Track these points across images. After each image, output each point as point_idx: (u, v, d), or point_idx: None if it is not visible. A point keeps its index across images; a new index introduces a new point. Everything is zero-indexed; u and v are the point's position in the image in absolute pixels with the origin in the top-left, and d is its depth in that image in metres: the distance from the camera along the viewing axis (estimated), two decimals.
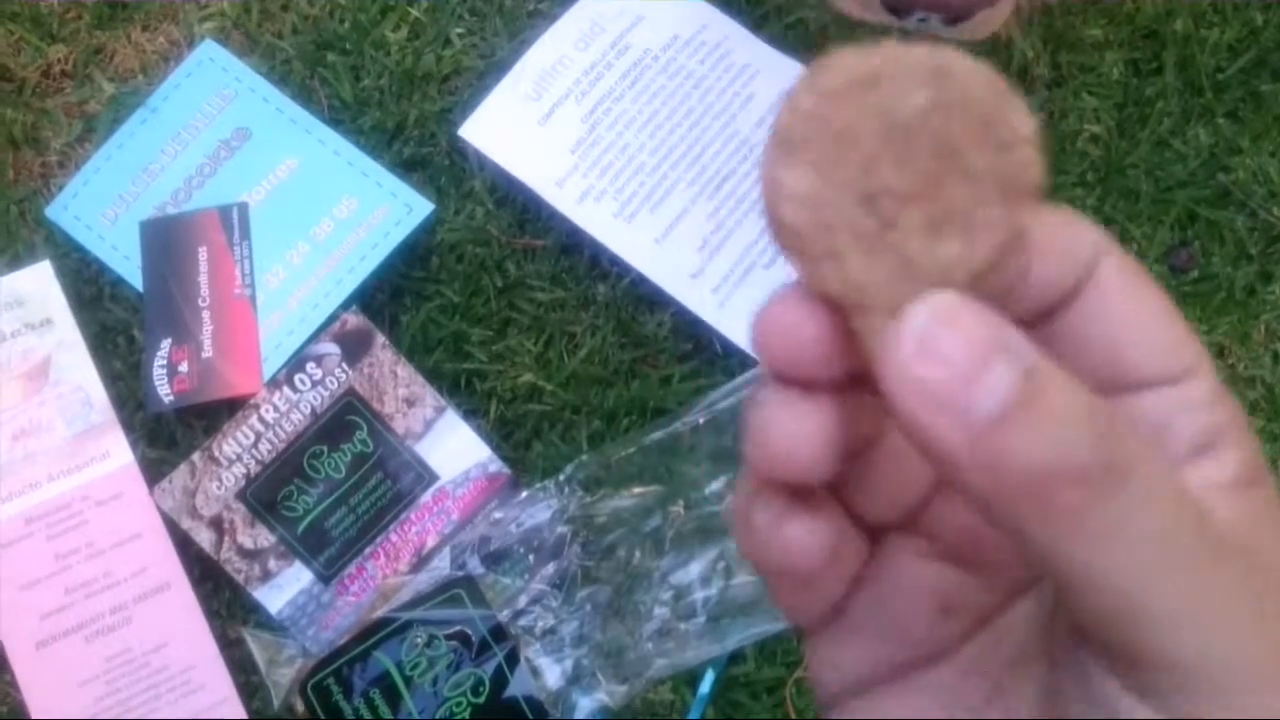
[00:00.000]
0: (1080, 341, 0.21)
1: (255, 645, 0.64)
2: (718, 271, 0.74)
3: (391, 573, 0.66)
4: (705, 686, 0.66)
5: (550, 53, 0.81)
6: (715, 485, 0.68)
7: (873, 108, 0.20)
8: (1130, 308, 0.21)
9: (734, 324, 0.73)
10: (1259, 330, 0.80)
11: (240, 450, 0.66)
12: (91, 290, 0.72)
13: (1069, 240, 0.21)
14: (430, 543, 0.67)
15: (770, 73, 0.79)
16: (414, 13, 0.84)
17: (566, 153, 0.77)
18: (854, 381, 0.21)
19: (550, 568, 0.65)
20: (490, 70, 0.82)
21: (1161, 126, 0.82)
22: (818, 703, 0.25)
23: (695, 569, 0.65)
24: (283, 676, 0.63)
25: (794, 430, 0.21)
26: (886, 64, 0.20)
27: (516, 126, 0.78)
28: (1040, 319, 0.22)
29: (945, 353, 0.18)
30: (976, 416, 0.18)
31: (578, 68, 0.81)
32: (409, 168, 0.78)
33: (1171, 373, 0.21)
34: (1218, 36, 0.82)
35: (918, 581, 0.24)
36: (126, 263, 0.71)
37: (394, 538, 0.67)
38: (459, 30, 0.84)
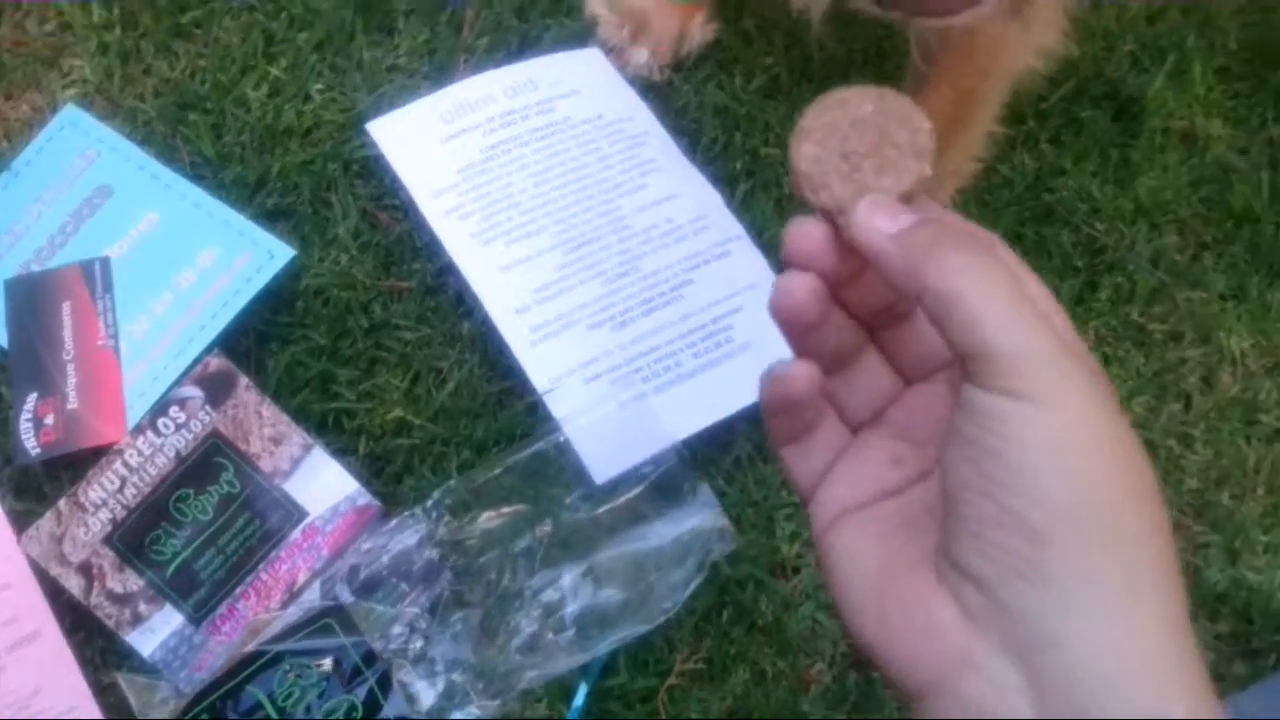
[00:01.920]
0: None
1: (129, 689, 0.64)
2: (541, 316, 0.78)
3: (263, 610, 0.67)
4: (578, 699, 0.68)
5: (478, 89, 0.86)
6: (580, 501, 0.70)
7: (844, 113, 0.39)
8: (1016, 265, 0.39)
9: (537, 364, 0.76)
10: (1089, 337, 0.85)
11: (106, 496, 0.67)
12: None
13: (980, 232, 0.39)
14: (301, 579, 0.69)
15: (670, 173, 0.85)
16: (274, 71, 0.87)
17: (453, 171, 0.82)
18: (836, 286, 0.38)
19: (422, 593, 0.67)
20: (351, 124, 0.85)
21: (988, 154, 0.88)
22: (805, 509, 0.41)
23: (564, 583, 0.68)
24: (157, 717, 0.63)
25: (799, 283, 0.38)
26: (850, 93, 0.39)
27: (420, 137, 0.83)
28: None
29: (880, 211, 0.36)
30: (897, 233, 0.36)
31: (498, 109, 0.86)
32: (273, 218, 0.80)
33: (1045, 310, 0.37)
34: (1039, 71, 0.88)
35: (879, 447, 0.40)
36: None
37: (264, 576, 0.68)
38: (319, 86, 0.87)
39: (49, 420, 0.69)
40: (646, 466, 0.70)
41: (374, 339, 0.78)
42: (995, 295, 0.34)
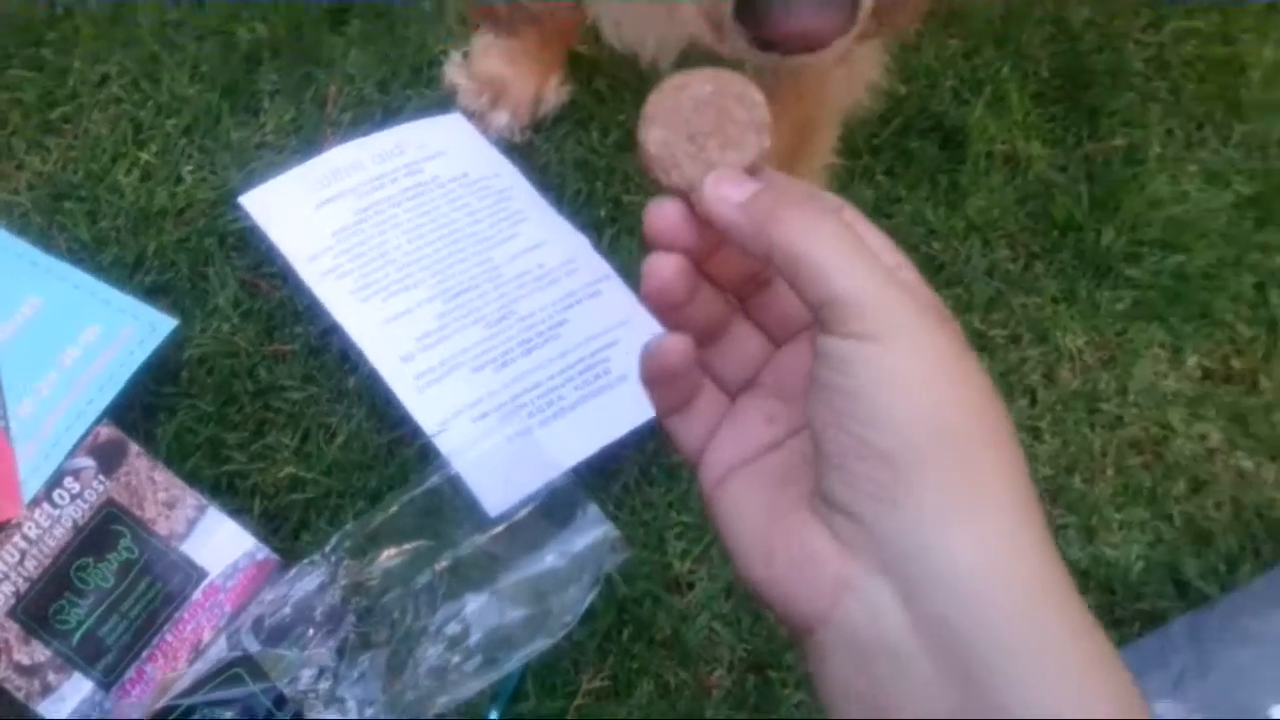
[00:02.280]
0: None
1: None
2: (426, 363, 0.81)
3: (170, 670, 0.68)
4: None
5: (349, 156, 0.90)
6: (475, 532, 0.73)
7: (685, 96, 0.41)
8: (862, 225, 0.42)
9: (425, 408, 0.79)
10: None
11: (7, 569, 0.67)
12: None
13: (824, 199, 0.43)
14: (206, 637, 0.70)
15: (538, 222, 0.89)
16: (145, 156, 0.89)
17: (328, 235, 0.85)
18: (699, 261, 0.41)
19: (328, 637, 0.69)
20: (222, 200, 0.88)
21: (830, 186, 0.95)
22: (697, 477, 0.43)
23: (466, 613, 0.70)
24: None
25: (664, 264, 0.41)
26: (689, 76, 0.41)
27: (293, 205, 0.86)
28: None
29: (726, 182, 0.40)
30: (743, 201, 0.39)
31: (368, 174, 0.89)
32: (153, 294, 0.82)
33: (892, 265, 0.40)
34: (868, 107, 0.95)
35: (755, 408, 0.43)
36: None
37: (170, 638, 0.69)
38: (189, 168, 0.90)
39: None
40: (540, 490, 0.74)
41: (261, 401, 0.81)
42: (835, 247, 0.37)
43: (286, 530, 0.76)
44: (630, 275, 0.89)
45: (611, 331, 0.85)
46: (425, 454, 0.80)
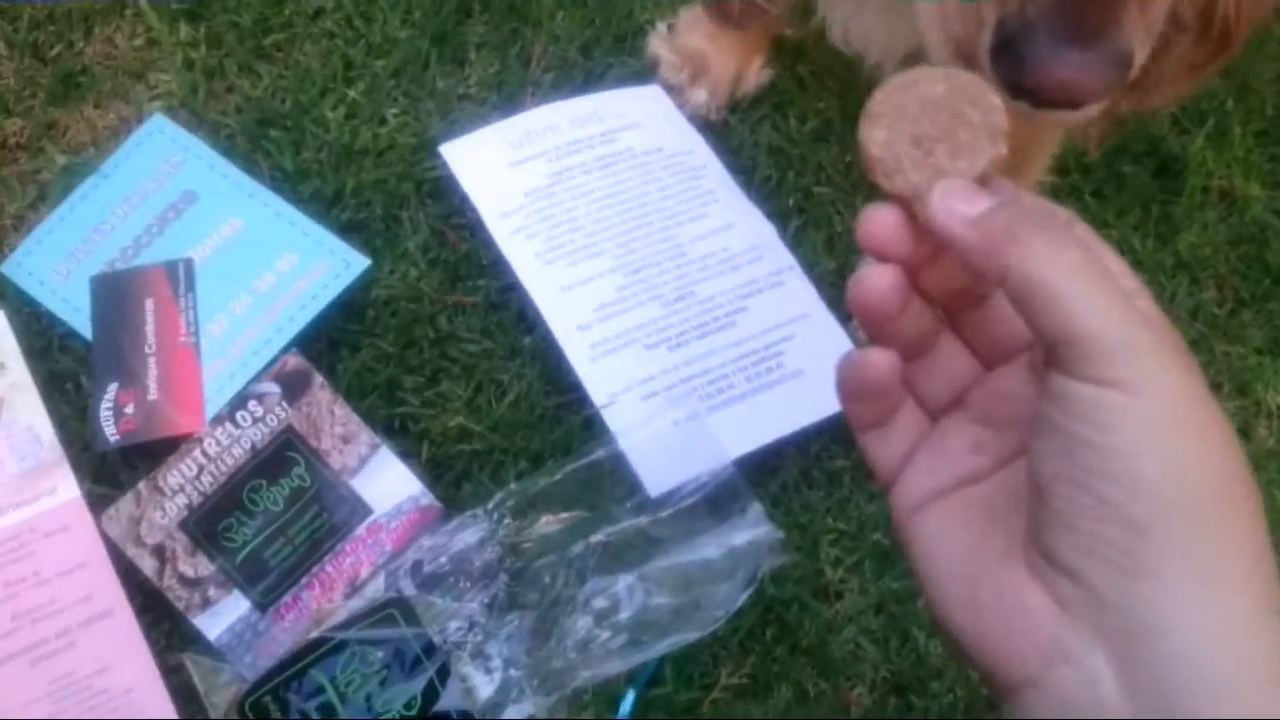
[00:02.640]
0: None
1: (194, 670, 0.66)
2: (602, 334, 0.81)
3: (326, 601, 0.69)
4: (626, 705, 0.70)
5: (545, 118, 0.90)
6: (633, 511, 0.73)
7: (913, 95, 0.38)
8: (1096, 244, 0.39)
9: (597, 378, 0.79)
10: None
11: (183, 481, 0.69)
12: (42, 341, 0.76)
13: (1056, 211, 0.39)
14: (364, 573, 0.71)
15: (727, 205, 0.88)
16: (352, 94, 0.91)
17: (520, 194, 0.86)
18: (912, 271, 0.39)
19: (480, 591, 0.69)
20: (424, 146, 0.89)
21: None
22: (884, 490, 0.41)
23: (616, 590, 0.70)
24: (221, 699, 0.65)
25: (878, 275, 0.38)
26: (919, 74, 0.38)
27: (489, 161, 0.87)
28: None
29: (956, 195, 0.36)
30: (975, 217, 0.36)
31: (563, 138, 0.89)
32: (346, 231, 0.83)
33: (1129, 289, 0.37)
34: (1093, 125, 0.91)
35: (959, 433, 0.40)
36: (77, 315, 0.75)
37: (329, 568, 0.70)
38: (393, 110, 0.91)
39: (129, 409, 0.72)
40: (703, 477, 0.73)
41: (439, 349, 0.81)
42: (1080, 280, 0.33)
43: (450, 479, 0.77)
44: (813, 269, 0.87)
45: (789, 325, 0.83)
46: (590, 424, 0.79)
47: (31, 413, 0.70)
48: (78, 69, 0.88)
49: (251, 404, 0.72)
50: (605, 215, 0.86)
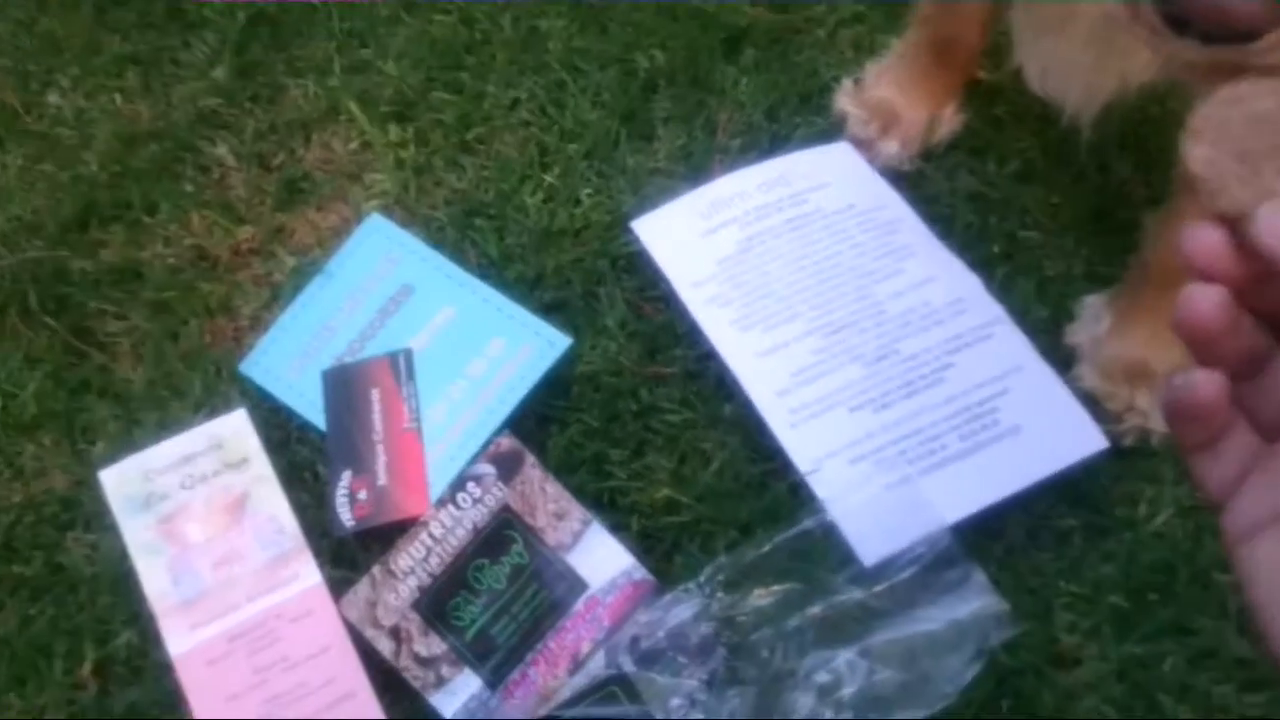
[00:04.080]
0: None
1: None
2: (801, 399, 0.81)
3: (552, 678, 0.71)
4: None
5: (734, 185, 0.92)
6: (849, 583, 0.72)
7: (1239, 110, 0.37)
8: None
9: (799, 444, 0.79)
10: None
11: (413, 563, 0.73)
12: (281, 434, 0.82)
13: None
14: (585, 649, 0.73)
15: (925, 258, 0.87)
16: (548, 179, 0.94)
17: (713, 263, 0.87)
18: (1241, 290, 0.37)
19: (699, 667, 0.70)
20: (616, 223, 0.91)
21: None
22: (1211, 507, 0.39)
23: (838, 664, 0.69)
24: None
25: (1203, 296, 0.36)
26: (1244, 88, 0.38)
27: (681, 233, 0.89)
28: None
29: None
30: None
31: (752, 203, 0.91)
32: (549, 310, 0.87)
33: None
34: None
35: None
36: (311, 407, 0.81)
37: (552, 644, 0.73)
38: (587, 190, 0.94)
39: (362, 495, 0.76)
40: (919, 548, 0.71)
41: (642, 421, 0.83)
42: None
43: (661, 551, 0.78)
44: (1025, 317, 0.84)
45: (1002, 380, 0.81)
46: (797, 491, 0.79)
47: (273, 503, 0.75)
48: (299, 175, 0.95)
49: (470, 485, 0.75)
50: (798, 278, 0.86)
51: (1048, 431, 0.79)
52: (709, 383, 0.85)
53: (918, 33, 0.92)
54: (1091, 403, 0.81)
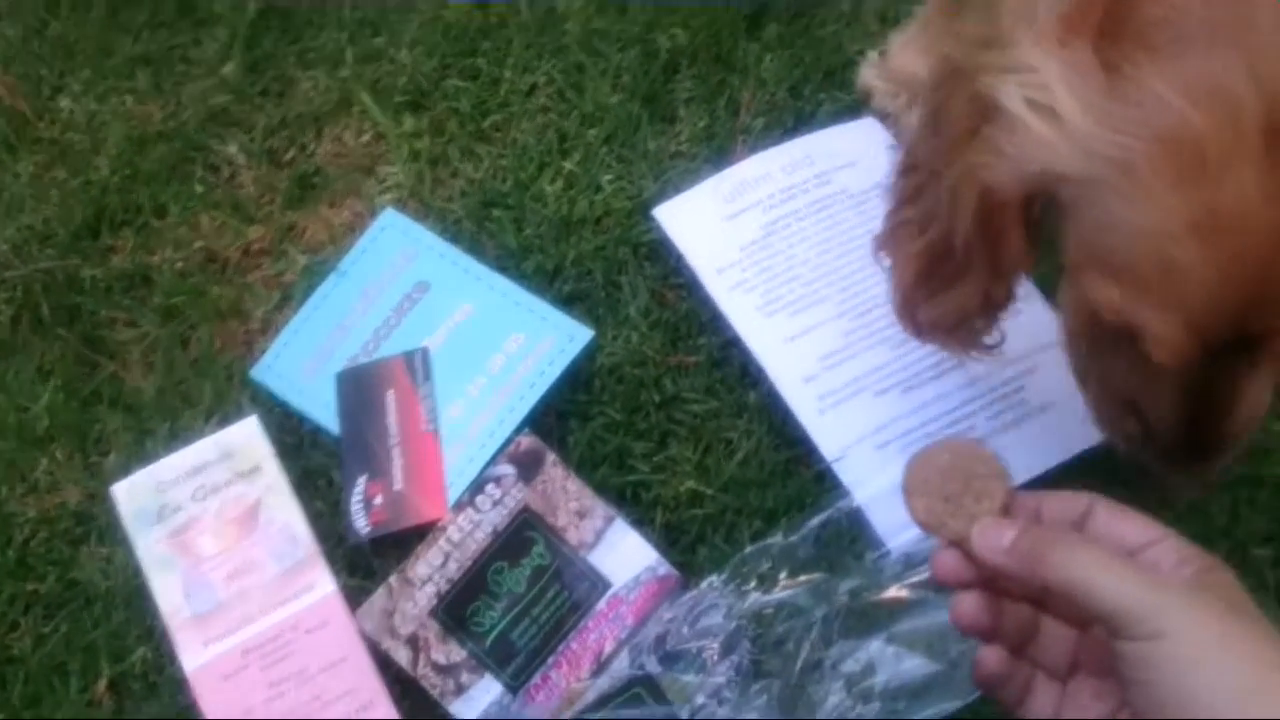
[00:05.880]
0: (1103, 537, 0.50)
1: None
2: (829, 384, 0.78)
3: (574, 680, 0.69)
4: None
5: (757, 168, 0.89)
6: (876, 569, 0.69)
7: (931, 467, 0.52)
8: (1116, 517, 0.50)
9: (826, 431, 0.76)
10: None
11: (431, 570, 0.71)
12: (294, 439, 0.80)
13: (1073, 501, 0.52)
14: (608, 648, 0.70)
15: None
16: (568, 165, 0.92)
17: (736, 248, 0.85)
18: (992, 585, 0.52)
19: (724, 663, 0.67)
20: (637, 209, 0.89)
21: None
22: None
23: (865, 655, 0.66)
24: None
25: (965, 604, 0.51)
26: (928, 452, 0.53)
27: (704, 218, 0.87)
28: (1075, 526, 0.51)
29: (989, 533, 0.50)
30: (1009, 547, 0.49)
31: (776, 185, 0.88)
32: (569, 302, 0.84)
33: (1149, 539, 0.49)
34: None
35: (1082, 689, 0.51)
36: (325, 411, 0.79)
37: (574, 645, 0.70)
38: (608, 177, 0.91)
39: (378, 501, 0.75)
40: None
41: (665, 412, 0.80)
42: (1097, 570, 0.45)
43: (685, 544, 0.76)
44: (1053, 294, 0.81)
45: (1031, 357, 0.77)
46: (823, 478, 0.76)
47: (287, 512, 0.74)
48: (311, 170, 0.93)
49: (490, 487, 0.73)
50: (824, 260, 0.83)
51: (1078, 409, 0.75)
52: (734, 370, 0.82)
53: None
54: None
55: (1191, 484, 0.58)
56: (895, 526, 0.72)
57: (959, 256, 0.58)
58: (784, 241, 0.85)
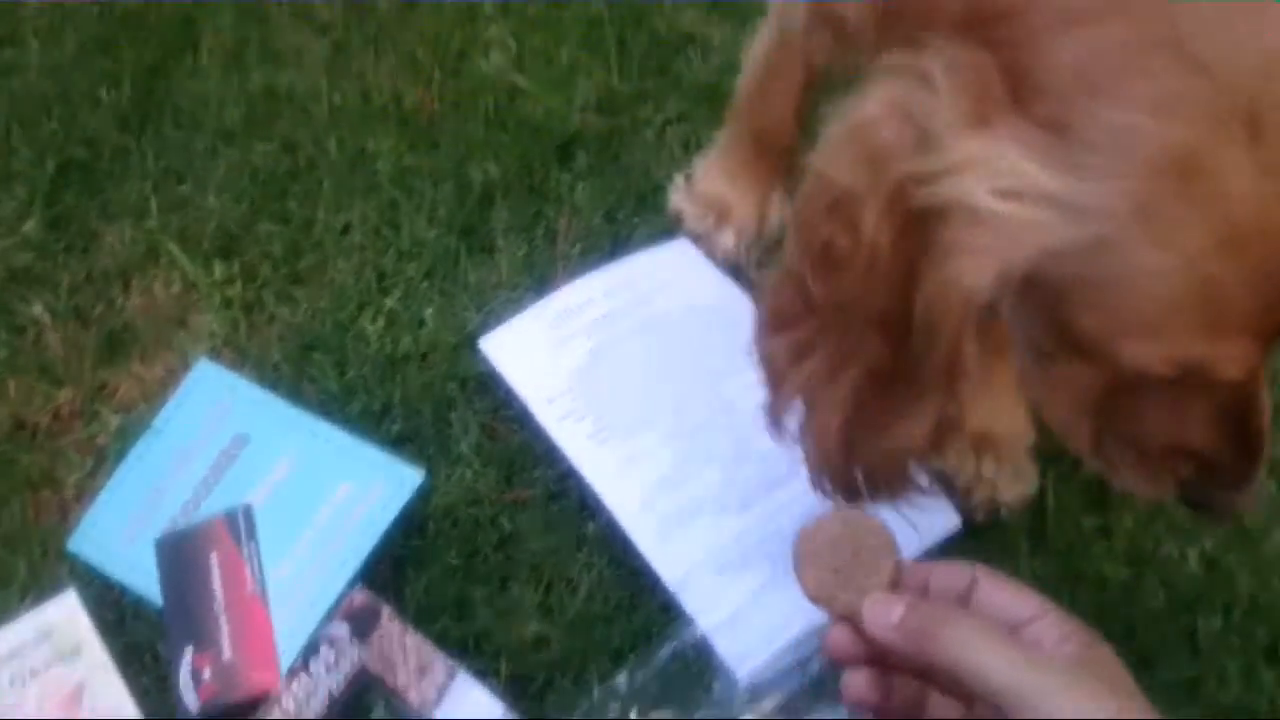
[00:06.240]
0: (986, 610, 0.50)
1: None
2: (664, 508, 0.79)
3: None
4: None
5: (579, 294, 0.90)
6: (728, 700, 0.70)
7: (821, 539, 0.53)
8: (998, 590, 0.51)
9: (666, 557, 0.77)
10: None
11: None
12: (115, 613, 0.76)
13: (959, 573, 0.52)
14: None
15: None
16: (388, 303, 0.91)
17: (564, 377, 0.85)
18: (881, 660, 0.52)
19: None
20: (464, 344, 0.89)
21: None
22: None
23: None
24: None
25: (856, 682, 0.53)
26: (821, 522, 0.54)
27: (530, 347, 0.87)
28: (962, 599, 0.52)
29: (878, 609, 0.50)
30: (898, 623, 0.49)
31: (599, 310, 0.89)
32: (398, 443, 0.83)
33: (1032, 614, 0.50)
34: None
35: None
36: (147, 579, 0.76)
37: None
38: (430, 311, 0.91)
39: (206, 673, 0.71)
40: (803, 651, 0.69)
41: (504, 553, 0.80)
42: (982, 650, 0.46)
43: (533, 690, 0.74)
44: None
45: None
46: (668, 608, 0.77)
47: (113, 693, 0.70)
48: (120, 326, 0.90)
49: (324, 649, 0.71)
50: (650, 384, 0.85)
51: (909, 514, 0.78)
52: (571, 503, 0.82)
53: (736, 125, 0.92)
54: (941, 480, 0.80)
55: (1246, 496, 0.55)
56: (742, 654, 0.72)
57: (902, 385, 0.53)
58: (610, 367, 0.86)
